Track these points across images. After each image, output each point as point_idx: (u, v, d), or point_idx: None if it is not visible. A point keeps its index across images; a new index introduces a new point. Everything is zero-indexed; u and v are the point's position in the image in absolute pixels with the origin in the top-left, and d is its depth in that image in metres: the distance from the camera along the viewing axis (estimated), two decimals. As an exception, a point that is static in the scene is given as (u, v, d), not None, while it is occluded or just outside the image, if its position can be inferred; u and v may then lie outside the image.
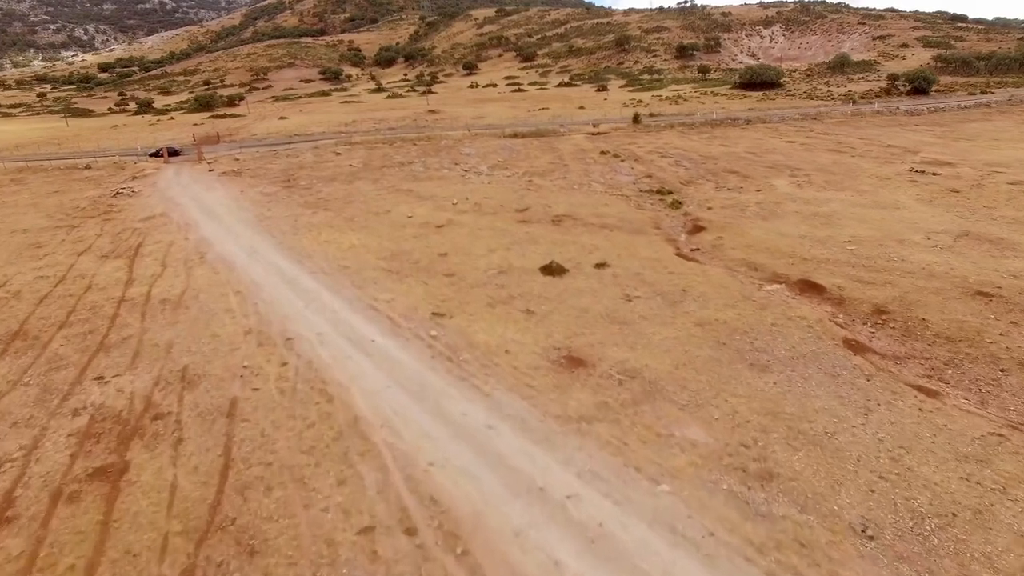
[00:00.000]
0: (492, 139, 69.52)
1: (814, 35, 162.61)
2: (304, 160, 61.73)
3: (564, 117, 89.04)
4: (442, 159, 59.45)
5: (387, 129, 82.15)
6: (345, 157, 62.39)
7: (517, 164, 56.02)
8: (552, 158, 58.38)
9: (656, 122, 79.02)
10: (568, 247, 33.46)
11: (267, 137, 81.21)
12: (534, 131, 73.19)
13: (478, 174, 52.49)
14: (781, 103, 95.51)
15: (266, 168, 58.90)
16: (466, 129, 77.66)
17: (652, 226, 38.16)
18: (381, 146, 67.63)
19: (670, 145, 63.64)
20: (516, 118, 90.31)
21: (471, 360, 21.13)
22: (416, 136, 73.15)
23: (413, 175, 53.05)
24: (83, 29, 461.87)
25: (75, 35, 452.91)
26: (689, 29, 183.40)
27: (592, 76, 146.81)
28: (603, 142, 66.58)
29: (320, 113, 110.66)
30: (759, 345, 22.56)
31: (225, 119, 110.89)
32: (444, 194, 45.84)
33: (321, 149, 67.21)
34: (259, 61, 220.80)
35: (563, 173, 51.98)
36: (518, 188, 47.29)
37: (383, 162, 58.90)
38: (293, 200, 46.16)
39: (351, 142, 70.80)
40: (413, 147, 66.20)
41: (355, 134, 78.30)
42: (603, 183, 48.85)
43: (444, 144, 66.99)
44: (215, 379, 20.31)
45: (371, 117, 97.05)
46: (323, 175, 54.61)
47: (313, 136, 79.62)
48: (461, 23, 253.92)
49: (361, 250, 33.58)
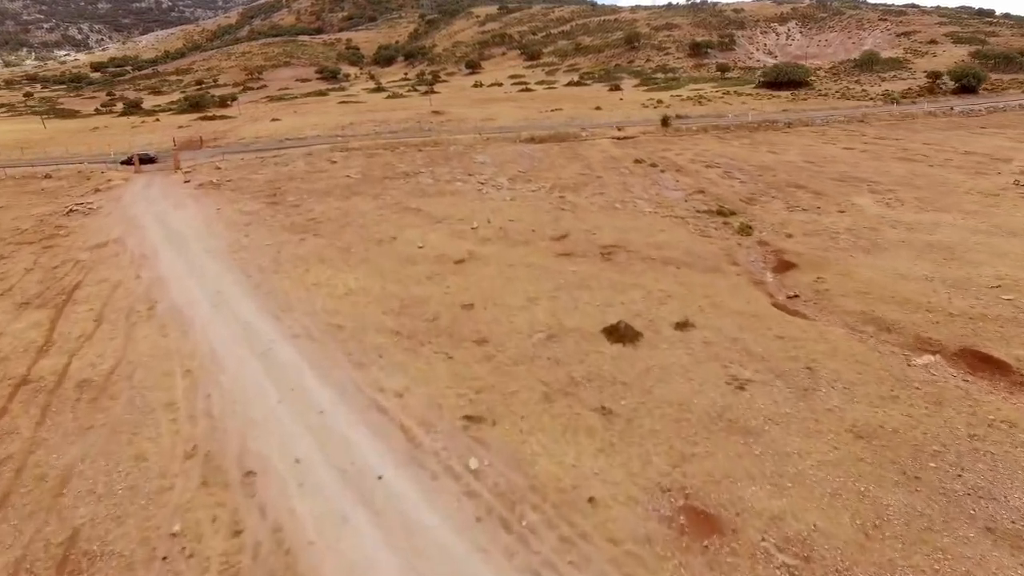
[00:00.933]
0: (507, 144, 61.36)
1: (833, 32, 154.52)
2: (294, 169, 53.55)
3: (581, 119, 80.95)
4: (453, 168, 51.28)
5: (388, 132, 74.01)
6: (341, 166, 54.26)
7: (542, 175, 47.88)
8: (580, 168, 50.27)
9: (686, 125, 70.96)
10: (631, 294, 25.36)
11: (256, 141, 72.97)
12: (552, 134, 65.09)
13: (497, 188, 44.32)
14: (815, 103, 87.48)
15: (250, 179, 50.70)
16: (476, 133, 69.58)
17: (727, 261, 30.06)
18: (382, 152, 59.47)
19: (711, 152, 55.57)
20: (528, 120, 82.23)
21: (541, 526, 12.98)
22: (421, 140, 64.99)
23: (421, 189, 44.88)
24: (77, 28, 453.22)
25: (69, 34, 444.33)
26: (700, 26, 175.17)
27: (603, 75, 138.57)
28: (633, 148, 58.56)
29: (316, 114, 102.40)
30: (974, 482, 14.49)
31: (214, 121, 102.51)
32: (460, 214, 37.70)
33: (315, 156, 59.05)
34: (254, 60, 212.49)
35: (598, 187, 43.85)
36: (549, 207, 39.14)
37: (385, 172, 50.75)
38: (277, 221, 38.00)
39: (348, 147, 62.67)
40: (418, 154, 58.04)
41: (353, 138, 70.18)
42: (648, 200, 40.74)
43: (454, 150, 58.84)
44: (116, 569, 12.20)
45: (370, 119, 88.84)
46: (315, 188, 46.46)
47: (307, 140, 71.44)
48: (462, 21, 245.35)
49: (360, 298, 25.42)
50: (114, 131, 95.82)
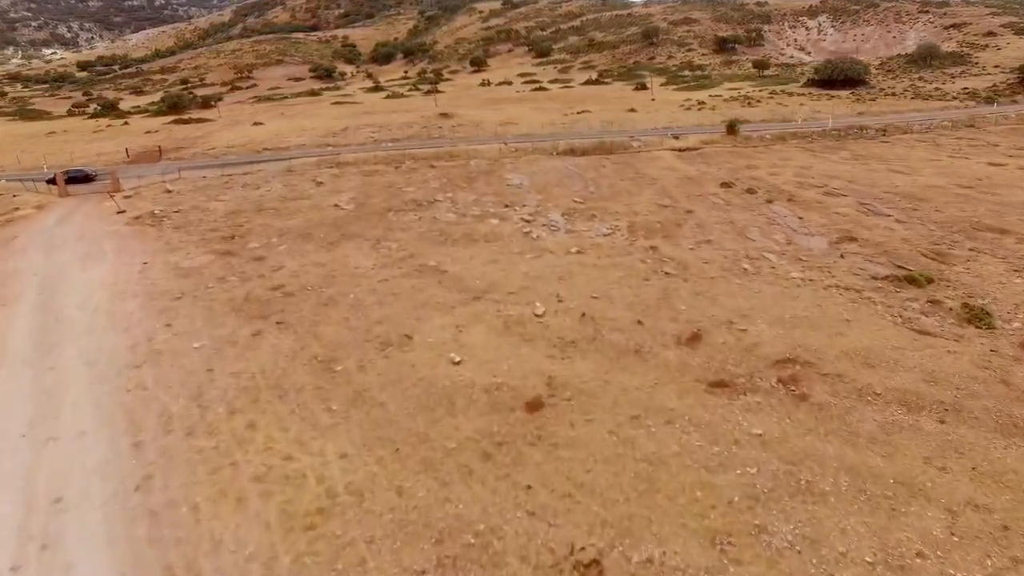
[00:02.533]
0: (542, 158, 47.64)
1: (869, 26, 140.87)
2: (267, 194, 39.79)
3: (619, 124, 67.33)
4: (480, 194, 37.56)
5: (389, 141, 60.11)
6: (330, 189, 40.51)
7: (608, 207, 34.10)
8: (655, 195, 36.57)
9: (755, 132, 57.34)
10: (906, 514, 11.84)
11: (228, 152, 59.02)
12: (597, 145, 51.35)
13: (552, 229, 30.54)
14: (888, 105, 73.96)
15: (205, 209, 36.91)
16: (498, 141, 55.87)
17: (1017, 400, 16.52)
18: (383, 169, 45.63)
19: (814, 171, 41.94)
20: (555, 125, 68.55)
21: None
22: (432, 152, 51.17)
23: (440, 230, 31.10)
24: (66, 26, 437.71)
25: (58, 32, 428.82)
26: (722, 21, 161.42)
27: (623, 73, 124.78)
28: (705, 163, 45.00)
29: (305, 117, 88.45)
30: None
31: (188, 124, 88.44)
32: (508, 280, 24.03)
33: (296, 174, 45.24)
34: (244, 58, 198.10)
35: (696, 228, 30.15)
36: (643, 268, 25.37)
37: (388, 200, 36.96)
38: (226, 291, 24.29)
39: (340, 162, 48.88)
40: (431, 171, 44.28)
41: (347, 148, 56.36)
42: (781, 252, 27.10)
43: (476, 167, 45.08)
44: None
45: (368, 123, 75.02)
46: (291, 226, 32.72)
47: (290, 151, 57.59)
48: (464, 17, 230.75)
49: (352, 532, 11.81)
50: (71, 137, 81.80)
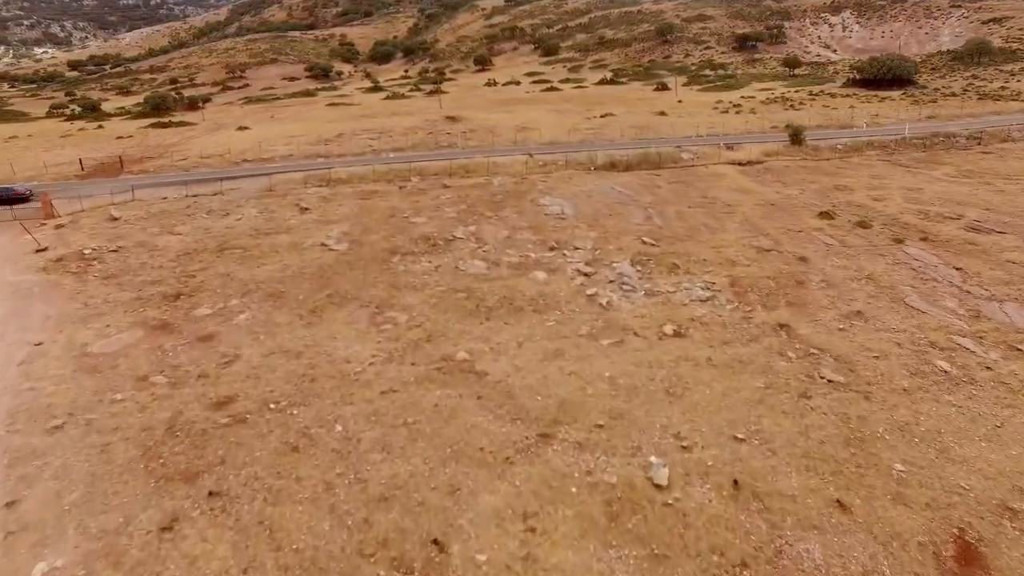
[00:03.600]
0: (580, 174, 38.62)
1: (897, 21, 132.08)
2: (236, 226, 30.77)
3: (651, 129, 58.36)
4: (512, 228, 28.52)
5: (391, 151, 50.99)
6: (316, 218, 31.52)
7: (689, 252, 25.06)
8: (742, 230, 27.53)
9: (821, 142, 48.39)
10: None
11: (201, 164, 49.85)
12: (641, 157, 42.33)
13: (624, 287, 21.48)
14: (958, 107, 65.03)
15: (153, 249, 27.90)
16: (520, 150, 46.88)
17: None
18: (384, 189, 36.57)
19: (925, 193, 32.99)
20: (578, 130, 59.53)
21: None
22: (442, 165, 42.09)
23: (467, 289, 22.01)
24: (59, 25, 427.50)
25: (51, 31, 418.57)
26: (738, 17, 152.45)
27: (640, 72, 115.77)
28: (782, 182, 36.11)
29: (297, 120, 79.34)
30: None
31: (167, 128, 79.25)
32: (587, 400, 14.94)
33: (277, 196, 36.19)
34: (237, 57, 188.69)
35: (827, 290, 21.10)
36: (784, 369, 16.30)
37: (391, 236, 27.93)
38: (136, 418, 15.19)
39: (332, 178, 39.84)
40: (444, 192, 35.23)
41: (340, 160, 47.32)
42: (977, 335, 18.01)
43: (500, 187, 36.04)
44: None
45: (366, 128, 65.98)
46: (260, 279, 23.75)
47: (274, 162, 48.52)
48: (466, 14, 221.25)
49: None
50: (33, 142, 72.60)
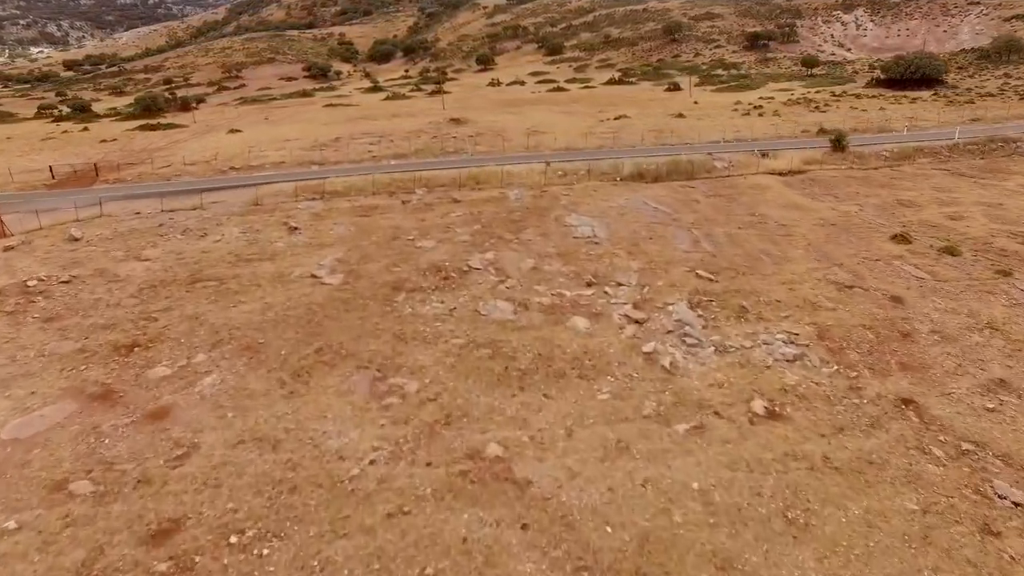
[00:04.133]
0: (606, 186, 34.14)
1: (912, 19, 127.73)
2: (213, 249, 26.31)
3: (672, 133, 53.89)
4: (539, 255, 24.05)
5: (392, 158, 46.46)
6: (307, 241, 27.06)
7: (755, 289, 20.61)
8: (810, 259, 23.08)
9: (857, 146, 43.94)
10: None
11: (185, 172, 45.32)
12: (670, 165, 37.78)
13: (687, 341, 17.08)
14: (1002, 108, 60.60)
15: (113, 279, 23.47)
16: (534, 157, 42.45)
17: None
18: (385, 204, 32.09)
19: (1008, 209, 28.61)
20: (593, 134, 55.05)
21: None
22: (450, 175, 37.57)
23: (491, 344, 17.49)
24: (56, 25, 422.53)
25: (47, 31, 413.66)
26: (747, 16, 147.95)
27: (649, 72, 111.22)
28: (835, 196, 31.69)
29: (292, 122, 74.88)
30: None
31: (155, 131, 74.73)
32: (675, 539, 10.66)
33: (263, 211, 31.72)
34: (234, 56, 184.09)
35: (943, 345, 16.68)
36: (938, 480, 12.03)
37: (395, 266, 23.42)
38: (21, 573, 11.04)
39: (327, 190, 35.37)
40: (454, 209, 30.74)
41: (337, 168, 42.86)
42: None
43: (517, 201, 31.55)
44: None
45: (366, 131, 61.48)
46: (235, 323, 19.31)
47: (264, 170, 44.02)
48: (467, 13, 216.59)
49: None
50: (11, 145, 68.04)
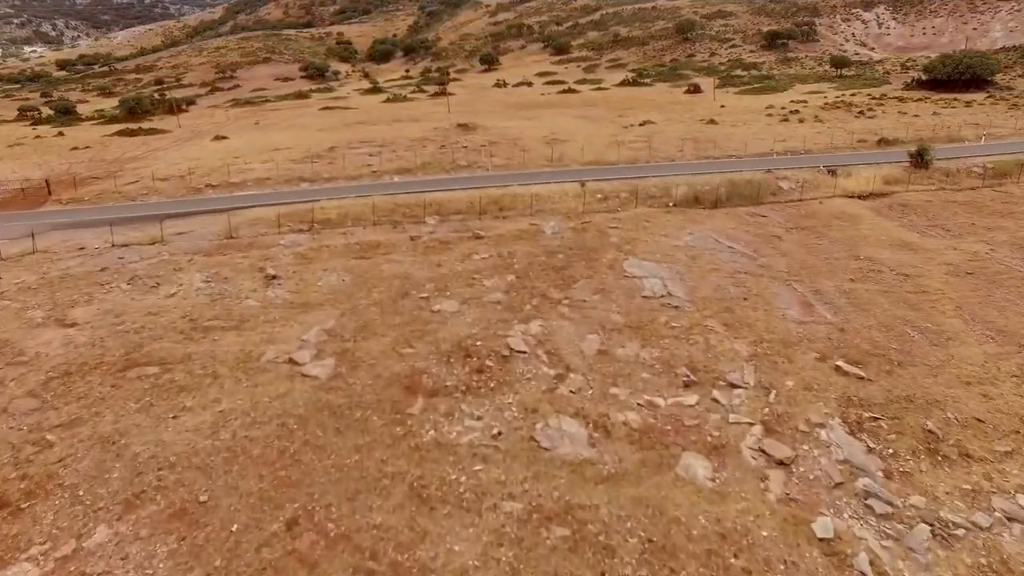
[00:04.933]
0: (658, 213, 27.58)
1: (938, 17, 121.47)
2: (165, 309, 19.78)
3: (709, 142, 47.40)
4: (603, 331, 17.33)
5: (395, 173, 39.76)
6: (287, 298, 20.47)
7: (935, 401, 14.22)
8: (993, 345, 16.73)
9: (947, 163, 37.44)
10: None
11: (154, 189, 38.65)
12: (727, 187, 31.30)
13: (883, 517, 10.85)
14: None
15: (16, 358, 16.95)
16: (561, 172, 35.89)
17: None
18: (389, 241, 25.41)
19: None
20: (621, 144, 48.45)
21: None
22: (466, 197, 30.95)
23: (565, 506, 10.94)
24: (51, 24, 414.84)
25: (42, 31, 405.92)
26: (761, 14, 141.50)
27: (665, 72, 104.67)
28: (947, 230, 25.21)
29: (285, 128, 68.23)
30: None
31: (135, 137, 68.04)
32: None
33: (235, 251, 25.11)
34: (228, 56, 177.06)
35: None
36: None
37: (406, 349, 16.72)
38: None
39: (317, 219, 28.80)
40: (476, 248, 24.13)
41: (331, 186, 36.26)
42: None
43: (555, 235, 25.01)
44: None
45: (364, 138, 54.86)
46: (166, 457, 12.78)
47: (245, 188, 37.39)
48: (469, 11, 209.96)
49: None
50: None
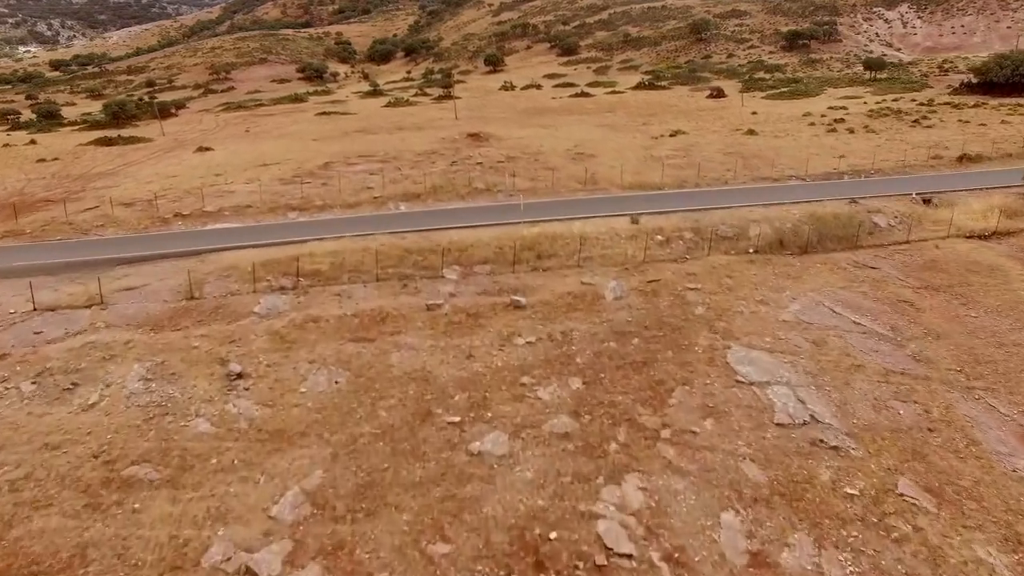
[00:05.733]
0: (739, 263, 21.39)
1: (967, 15, 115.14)
2: (69, 440, 13.27)
3: (758, 159, 41.14)
4: (738, 496, 11.05)
5: (401, 200, 33.26)
6: (253, 418, 14.10)
7: None
8: None
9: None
10: None
11: (108, 222, 32.12)
12: (813, 223, 25.12)
13: None
14: None
15: None
16: (599, 200, 29.49)
17: None
18: (396, 308, 18.87)
19: None
20: (654, 160, 42.03)
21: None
22: (491, 240, 24.65)
23: None
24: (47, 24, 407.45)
25: (37, 30, 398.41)
26: (777, 13, 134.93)
27: (682, 74, 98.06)
28: None
29: (275, 137, 61.63)
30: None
31: (112, 147, 61.46)
32: None
33: (192, 325, 18.66)
34: (224, 57, 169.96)
35: None
36: None
37: (432, 547, 10.54)
38: None
39: (304, 268, 22.44)
40: (516, 324, 17.76)
41: (324, 217, 29.85)
42: None
43: (619, 304, 18.73)
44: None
45: (364, 151, 48.35)
46: None
47: (221, 219, 30.94)
48: (472, 10, 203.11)
49: None
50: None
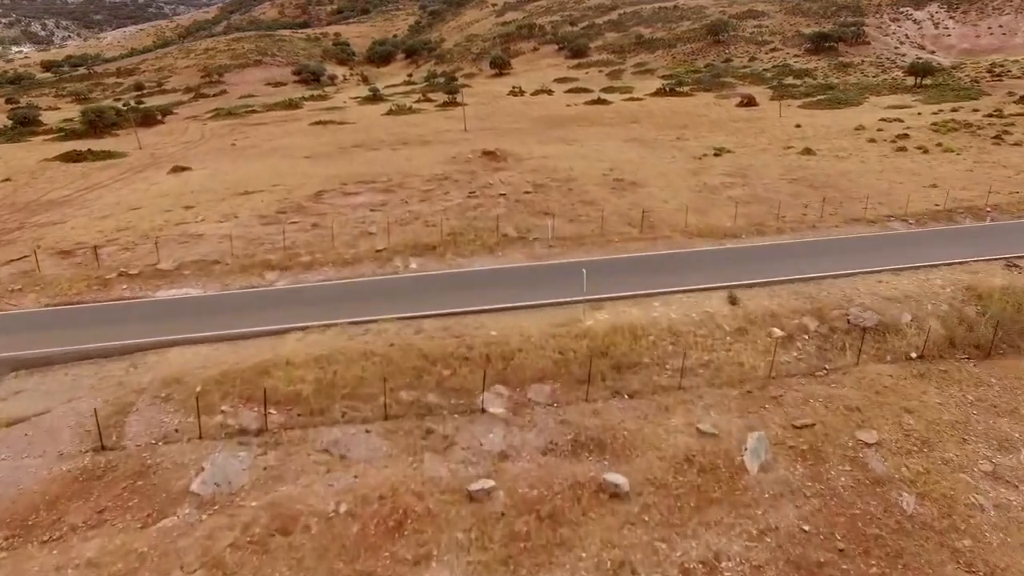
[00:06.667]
0: (909, 386, 14.45)
1: (1004, 15, 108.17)
2: None
3: (833, 189, 34.14)
4: None
5: (411, 255, 26.04)
6: None
7: None
8: None
9: None
10: None
11: (36, 283, 24.90)
12: (978, 303, 18.33)
13: None
14: None
15: None
16: (667, 259, 22.51)
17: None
18: (417, 502, 11.59)
19: None
20: (705, 188, 34.90)
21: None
22: (539, 337, 17.52)
23: None
24: (41, 24, 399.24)
25: (31, 30, 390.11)
26: (797, 13, 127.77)
27: (704, 79, 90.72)
28: None
29: (263, 154, 54.23)
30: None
31: (78, 163, 54.02)
32: None
33: (89, 514, 11.78)
34: (217, 58, 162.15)
35: None
36: None
37: None
38: None
39: (277, 394, 15.40)
40: (630, 557, 10.87)
41: (309, 279, 22.79)
42: None
43: (773, 496, 11.61)
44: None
45: (364, 175, 41.12)
46: None
47: (179, 282, 23.75)
48: (474, 10, 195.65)
49: None
50: None
